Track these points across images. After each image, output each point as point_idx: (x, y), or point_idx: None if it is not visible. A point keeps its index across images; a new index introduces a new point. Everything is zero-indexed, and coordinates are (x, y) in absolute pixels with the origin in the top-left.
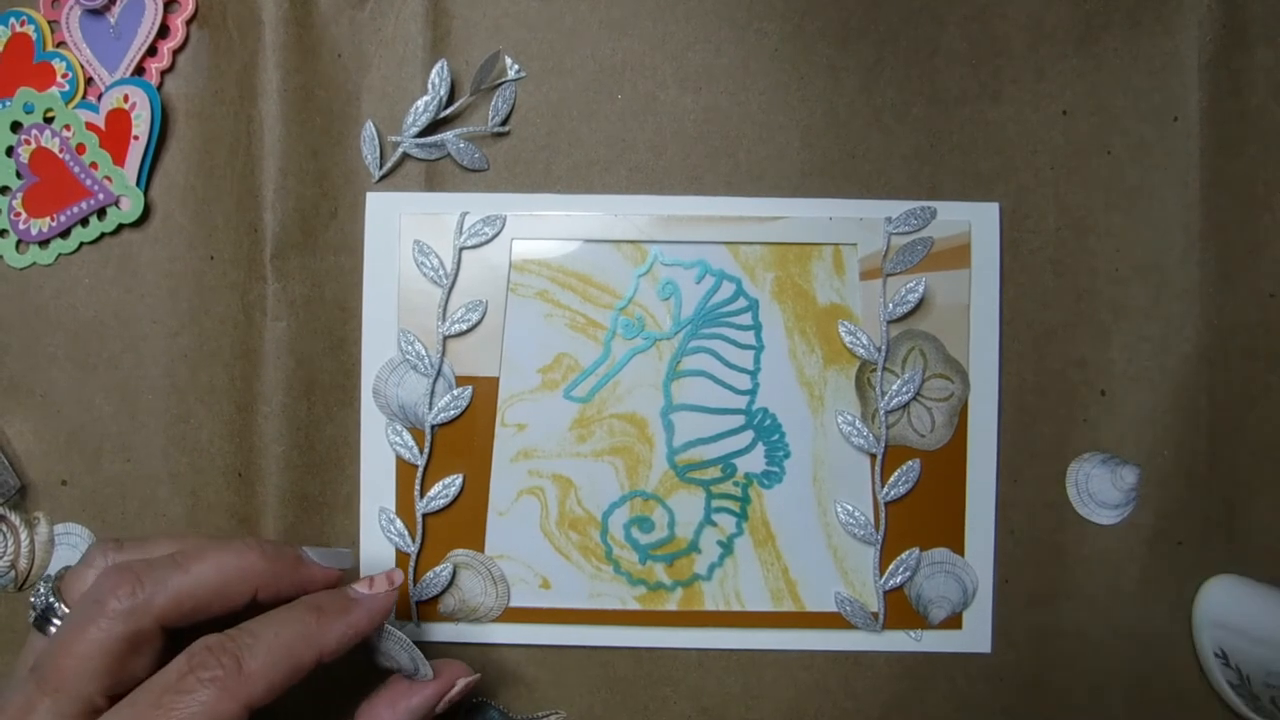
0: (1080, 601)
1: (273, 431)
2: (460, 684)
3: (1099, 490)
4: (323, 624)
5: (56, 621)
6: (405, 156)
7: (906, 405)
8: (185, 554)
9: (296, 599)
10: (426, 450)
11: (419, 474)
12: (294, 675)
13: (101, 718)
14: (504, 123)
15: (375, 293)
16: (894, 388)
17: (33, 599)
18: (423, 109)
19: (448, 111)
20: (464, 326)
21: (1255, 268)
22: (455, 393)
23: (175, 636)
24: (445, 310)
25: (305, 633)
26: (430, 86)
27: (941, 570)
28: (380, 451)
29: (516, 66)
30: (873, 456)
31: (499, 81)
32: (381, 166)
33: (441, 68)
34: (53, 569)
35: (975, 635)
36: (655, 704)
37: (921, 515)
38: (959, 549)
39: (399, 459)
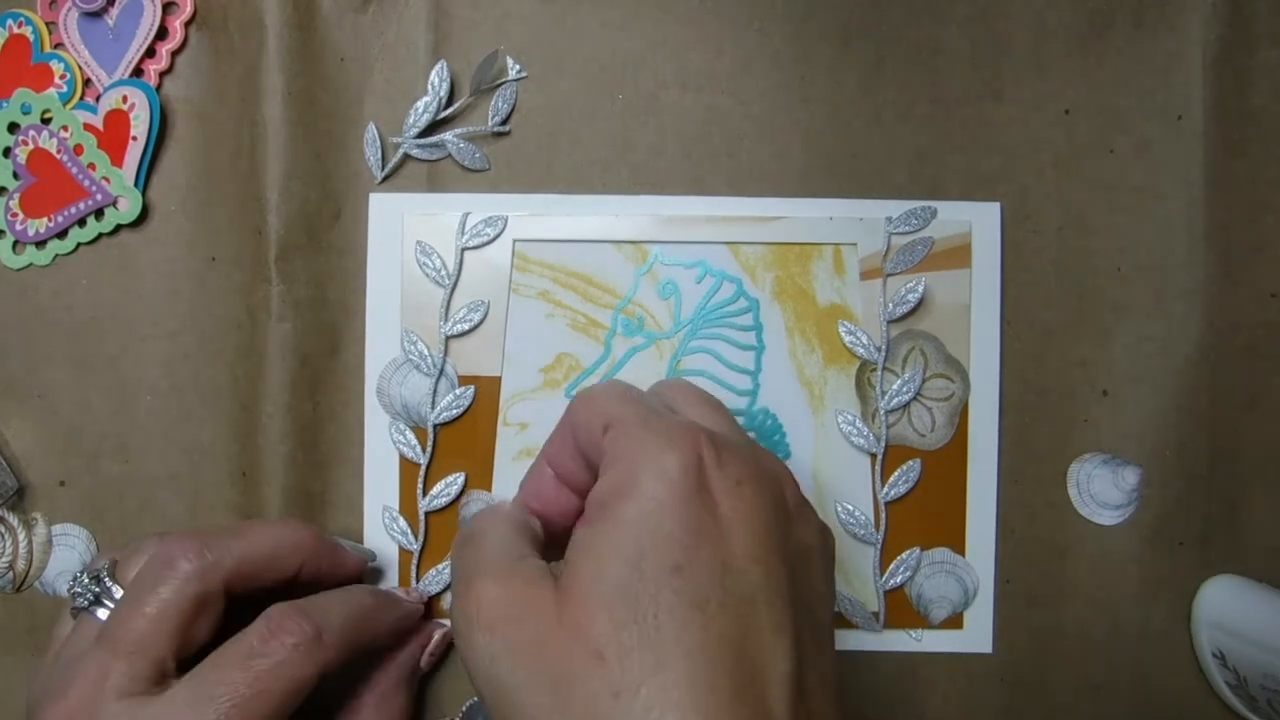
0: (1081, 602)
1: (277, 431)
2: (437, 635)
3: (1100, 491)
4: (379, 609)
5: (108, 604)
6: (406, 157)
7: (907, 405)
8: (241, 526)
9: (345, 585)
10: (429, 449)
11: (422, 472)
12: (358, 650)
13: (186, 676)
14: (504, 123)
15: (378, 293)
16: (894, 387)
17: (77, 588)
18: (423, 110)
19: (448, 112)
20: (466, 326)
21: (1258, 267)
22: (458, 392)
23: (230, 605)
24: (448, 310)
25: (368, 613)
26: (430, 87)
27: (942, 570)
28: (383, 450)
29: (517, 67)
30: (873, 456)
31: (499, 81)
32: (383, 168)
33: (441, 68)
34: (50, 570)
35: (976, 635)
36: None
37: (922, 515)
38: (960, 549)
39: (402, 458)
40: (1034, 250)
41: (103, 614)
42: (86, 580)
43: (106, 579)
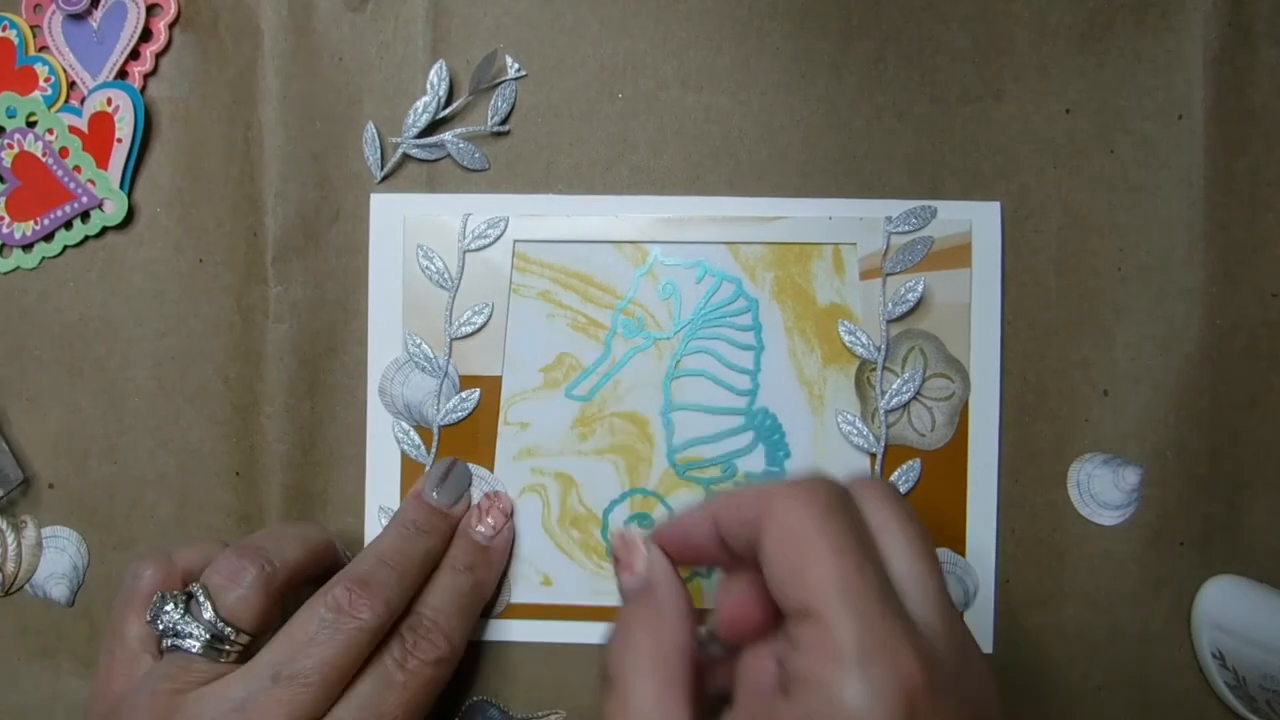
0: (1081, 602)
1: (275, 431)
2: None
3: (1101, 491)
4: (479, 580)
5: (221, 643)
6: (406, 157)
7: (907, 405)
8: (280, 534)
9: (444, 563)
10: (434, 449)
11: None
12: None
13: (345, 697)
14: (504, 122)
15: (380, 294)
16: (894, 387)
17: (174, 616)
18: (422, 109)
19: (447, 111)
20: (471, 329)
21: (1259, 267)
22: (463, 395)
23: None
24: (452, 313)
25: (475, 595)
26: (429, 86)
27: (943, 571)
28: (385, 450)
29: (516, 66)
30: (873, 456)
31: (499, 81)
32: (382, 168)
33: (440, 67)
34: (41, 573)
35: (977, 635)
36: None
37: (922, 515)
38: (960, 549)
39: (404, 457)
40: (1034, 250)
41: (203, 648)
42: (180, 610)
43: (211, 613)
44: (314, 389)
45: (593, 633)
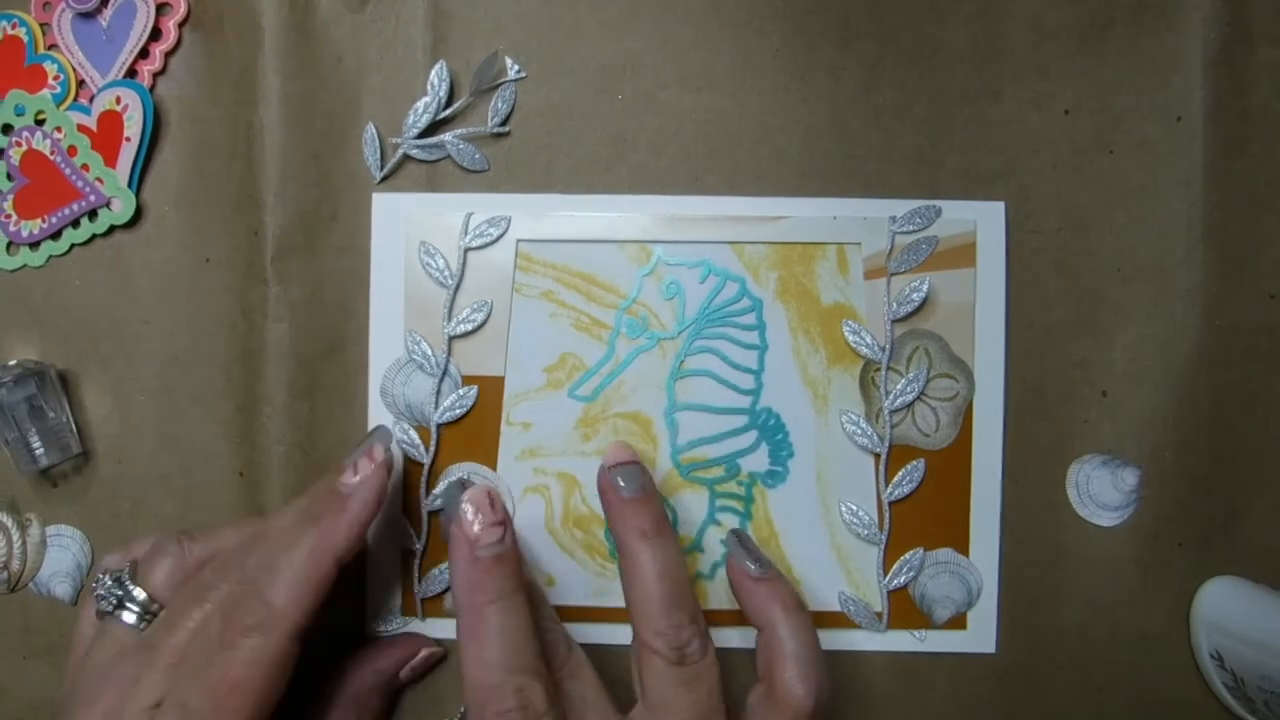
0: (1080, 603)
1: (275, 431)
2: (423, 653)
3: (1100, 492)
4: (326, 532)
5: (131, 608)
6: (406, 158)
7: (911, 405)
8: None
9: (292, 507)
10: (432, 448)
11: (425, 472)
12: (321, 589)
13: (174, 686)
14: (504, 123)
15: (381, 293)
16: (898, 387)
17: (100, 590)
18: (422, 110)
19: (447, 112)
20: (470, 327)
21: (1257, 268)
22: (460, 392)
23: None
24: (451, 311)
25: (315, 547)
26: (429, 87)
27: (946, 570)
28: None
29: (516, 67)
30: (877, 456)
31: (499, 82)
32: (382, 168)
33: (441, 68)
34: (45, 571)
35: (980, 635)
36: None
37: (926, 515)
38: (963, 549)
39: (406, 456)
40: (1033, 250)
41: (128, 617)
42: (109, 583)
43: (128, 583)
44: (313, 389)
45: (596, 633)
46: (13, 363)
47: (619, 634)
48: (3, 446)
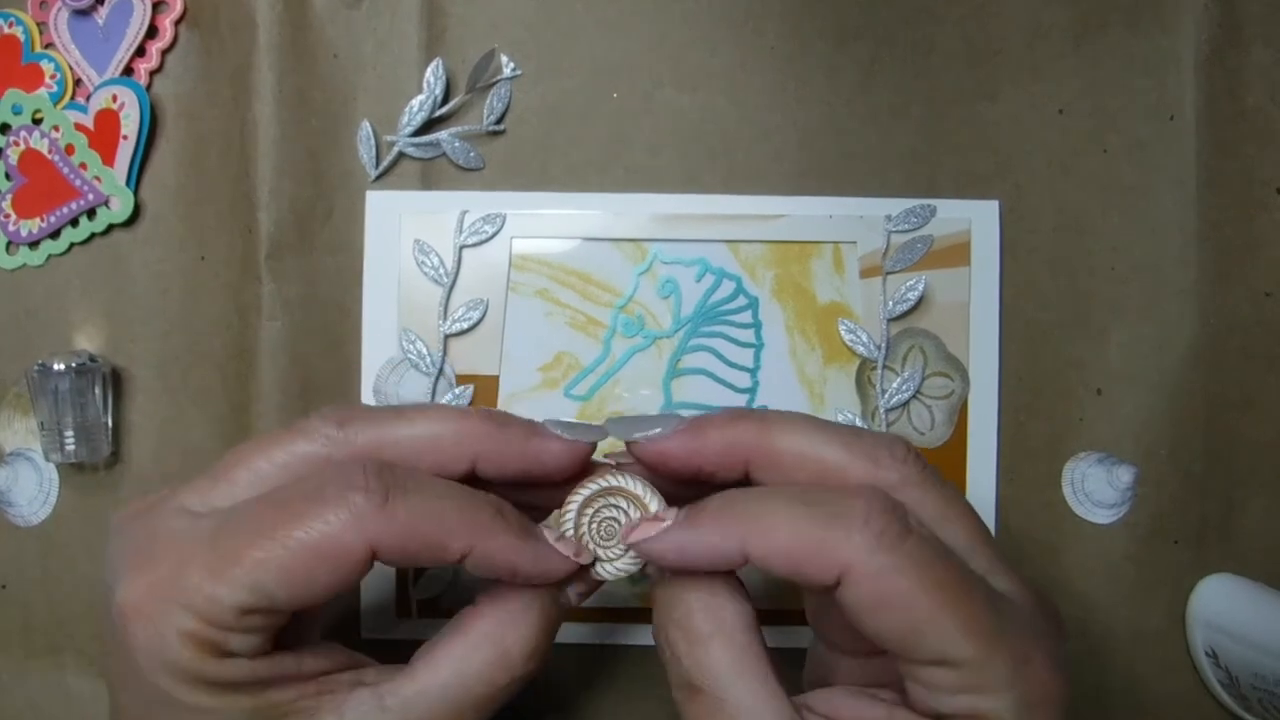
0: (1075, 601)
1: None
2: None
3: (1095, 490)
4: (494, 537)
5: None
6: (401, 156)
7: (906, 403)
8: (405, 409)
9: (548, 480)
10: None
11: None
12: (432, 552)
13: (233, 506)
14: (499, 121)
15: (375, 292)
16: (894, 386)
17: None
18: (418, 108)
19: (443, 110)
20: (465, 325)
21: (1252, 267)
22: (456, 391)
23: None
24: (446, 309)
25: (473, 521)
26: (425, 85)
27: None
28: None
29: (512, 65)
30: None
31: (494, 80)
32: (377, 166)
33: (436, 66)
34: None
35: None
36: (656, 702)
37: None
38: None
39: None
40: (1028, 250)
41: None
42: None
43: None
44: (307, 388)
45: (594, 633)
46: (81, 349)
47: (618, 634)
48: (38, 426)
